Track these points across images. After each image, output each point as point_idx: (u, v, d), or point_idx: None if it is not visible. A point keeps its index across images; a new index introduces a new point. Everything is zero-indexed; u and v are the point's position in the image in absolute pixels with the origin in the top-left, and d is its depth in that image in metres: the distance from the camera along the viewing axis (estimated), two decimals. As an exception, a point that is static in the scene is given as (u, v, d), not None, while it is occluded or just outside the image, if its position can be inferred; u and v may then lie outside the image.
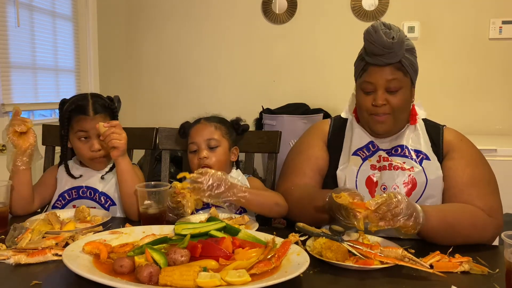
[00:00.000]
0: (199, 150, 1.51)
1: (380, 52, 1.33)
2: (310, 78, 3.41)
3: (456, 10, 3.17)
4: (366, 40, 1.35)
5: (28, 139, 1.46)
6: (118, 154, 1.44)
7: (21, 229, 1.20)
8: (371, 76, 1.38)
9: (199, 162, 1.49)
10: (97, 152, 1.52)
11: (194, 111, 1.66)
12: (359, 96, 1.44)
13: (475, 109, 3.17)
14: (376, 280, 1.00)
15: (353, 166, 1.42)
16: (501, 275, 1.00)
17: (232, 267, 0.96)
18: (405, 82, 1.39)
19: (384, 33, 1.30)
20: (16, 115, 1.46)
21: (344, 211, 1.18)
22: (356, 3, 3.30)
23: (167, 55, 3.64)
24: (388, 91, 1.37)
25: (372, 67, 1.38)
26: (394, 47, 1.31)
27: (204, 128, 1.53)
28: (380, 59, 1.35)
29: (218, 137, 1.52)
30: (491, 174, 1.39)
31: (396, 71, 1.37)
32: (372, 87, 1.38)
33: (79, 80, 3.36)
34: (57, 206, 1.56)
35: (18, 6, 2.63)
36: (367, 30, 1.34)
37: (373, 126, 1.43)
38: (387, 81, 1.36)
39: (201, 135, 1.52)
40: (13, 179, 1.47)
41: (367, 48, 1.36)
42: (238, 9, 3.49)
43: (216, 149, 1.51)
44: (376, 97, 1.37)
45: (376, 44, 1.31)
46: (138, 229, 1.21)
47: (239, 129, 1.62)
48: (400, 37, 1.32)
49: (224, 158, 1.52)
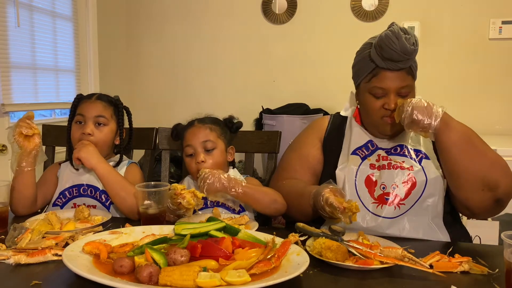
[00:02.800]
0: (195, 154, 1.50)
1: (400, 58, 1.31)
2: (310, 78, 3.41)
3: (456, 10, 3.17)
4: (385, 46, 1.30)
5: (34, 141, 1.46)
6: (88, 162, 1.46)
7: (21, 229, 1.19)
8: (383, 82, 1.36)
9: (197, 167, 1.48)
10: (87, 135, 1.52)
11: (194, 111, 1.65)
12: (367, 100, 1.41)
13: (475, 109, 3.16)
14: (376, 280, 1.00)
15: (352, 166, 1.43)
16: (501, 275, 1.00)
17: (232, 267, 0.96)
18: (413, 86, 1.40)
19: (405, 39, 1.28)
20: (27, 118, 1.46)
21: (328, 208, 1.22)
22: (356, 3, 3.30)
23: (167, 55, 3.64)
24: (399, 95, 1.37)
25: (385, 72, 1.35)
26: (414, 53, 1.31)
27: (199, 130, 1.52)
28: (397, 64, 1.33)
29: (214, 138, 1.51)
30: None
31: (407, 76, 1.36)
32: (383, 92, 1.37)
33: (79, 80, 3.36)
34: (58, 204, 1.56)
35: (18, 6, 2.63)
36: (387, 36, 1.29)
37: (383, 129, 1.42)
38: (400, 86, 1.36)
39: (196, 137, 1.50)
40: (17, 179, 1.47)
41: (386, 54, 1.31)
42: (238, 9, 3.49)
43: (212, 151, 1.50)
44: (389, 101, 1.36)
45: (398, 51, 1.29)
46: (138, 229, 1.21)
47: (233, 127, 1.60)
48: (417, 42, 1.32)
49: (221, 159, 1.52)
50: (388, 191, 1.38)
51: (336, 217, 1.21)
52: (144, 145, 1.86)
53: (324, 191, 1.25)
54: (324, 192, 1.25)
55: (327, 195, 1.23)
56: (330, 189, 1.26)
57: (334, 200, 1.21)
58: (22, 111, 2.80)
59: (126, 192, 1.45)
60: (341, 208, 1.19)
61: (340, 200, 1.21)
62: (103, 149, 1.56)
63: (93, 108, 1.56)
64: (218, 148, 1.51)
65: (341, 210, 1.19)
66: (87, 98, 1.60)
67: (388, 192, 1.38)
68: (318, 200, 1.26)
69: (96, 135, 1.54)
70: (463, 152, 1.26)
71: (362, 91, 1.44)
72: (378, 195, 1.38)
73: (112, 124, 1.59)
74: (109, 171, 1.49)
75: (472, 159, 1.26)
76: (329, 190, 1.25)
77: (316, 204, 1.28)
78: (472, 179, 1.27)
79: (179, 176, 1.54)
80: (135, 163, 1.65)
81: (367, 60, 1.39)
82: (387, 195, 1.37)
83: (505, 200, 1.31)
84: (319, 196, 1.26)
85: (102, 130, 1.56)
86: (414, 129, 1.28)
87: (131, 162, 1.64)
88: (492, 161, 1.28)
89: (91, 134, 1.53)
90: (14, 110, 2.65)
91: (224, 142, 1.55)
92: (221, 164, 1.52)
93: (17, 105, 2.66)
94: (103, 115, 1.56)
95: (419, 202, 1.37)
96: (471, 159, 1.26)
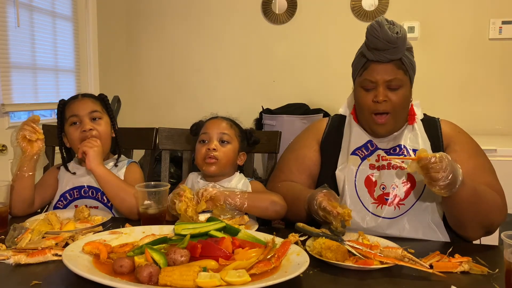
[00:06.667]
0: (209, 141, 1.49)
1: (384, 47, 1.33)
2: (310, 78, 3.41)
3: (456, 10, 3.17)
4: (370, 35, 1.34)
5: (37, 145, 1.46)
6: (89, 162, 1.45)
7: (21, 229, 1.20)
8: (372, 74, 1.38)
9: (206, 153, 1.47)
10: (88, 131, 1.52)
11: (194, 111, 1.66)
12: (359, 94, 1.44)
13: (475, 109, 3.17)
14: (375, 280, 1.00)
15: (352, 166, 1.43)
16: (501, 275, 1.00)
17: (232, 267, 0.96)
18: (405, 81, 1.39)
19: (388, 28, 1.31)
20: (32, 122, 1.46)
21: (321, 212, 1.23)
22: (356, 3, 3.30)
23: (167, 55, 3.64)
24: (389, 88, 1.38)
25: (374, 65, 1.38)
26: (398, 42, 1.32)
27: (220, 122, 1.53)
28: (383, 54, 1.35)
29: (232, 134, 1.52)
30: (490, 162, 1.43)
31: (397, 69, 1.37)
32: (373, 84, 1.39)
33: (79, 80, 3.36)
34: (59, 206, 1.56)
35: (18, 6, 2.63)
36: (371, 25, 1.34)
37: (374, 128, 1.43)
38: (388, 79, 1.37)
39: (216, 127, 1.51)
40: (16, 182, 1.47)
41: (371, 43, 1.35)
42: (238, 9, 3.49)
43: (227, 144, 1.50)
44: (377, 93, 1.37)
45: (381, 38, 1.31)
46: (138, 229, 1.21)
47: (251, 140, 1.60)
48: (404, 33, 1.33)
49: (232, 156, 1.51)
50: (388, 191, 1.38)
51: (329, 222, 1.21)
52: (144, 145, 1.86)
53: (317, 195, 1.26)
54: (317, 196, 1.26)
55: (320, 199, 1.24)
56: (324, 193, 1.27)
57: (327, 204, 1.21)
58: (22, 111, 2.80)
59: (125, 193, 1.45)
60: (334, 213, 1.19)
61: (334, 204, 1.22)
62: (106, 142, 1.57)
63: (84, 105, 1.56)
64: (232, 144, 1.51)
65: (333, 215, 1.19)
66: (73, 99, 1.59)
67: (388, 192, 1.38)
68: (312, 204, 1.27)
69: (97, 129, 1.54)
70: (470, 206, 1.26)
71: (356, 88, 1.46)
72: (378, 195, 1.39)
73: (105, 117, 1.60)
74: (107, 173, 1.49)
75: (475, 210, 1.27)
76: (323, 194, 1.26)
77: (310, 208, 1.29)
78: (471, 225, 1.31)
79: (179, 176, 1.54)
80: (135, 162, 1.65)
81: (360, 56, 1.43)
82: (386, 195, 1.38)
83: (494, 231, 1.36)
84: (313, 200, 1.26)
85: (100, 123, 1.56)
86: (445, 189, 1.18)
87: (131, 162, 1.64)
88: (491, 207, 1.30)
89: (93, 129, 1.53)
90: (14, 110, 2.65)
91: (239, 144, 1.54)
92: (230, 161, 1.51)
93: (17, 105, 2.66)
94: (96, 109, 1.57)
95: (418, 202, 1.37)
96: (474, 210, 1.27)
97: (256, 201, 1.38)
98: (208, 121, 1.56)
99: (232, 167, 1.54)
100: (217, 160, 1.47)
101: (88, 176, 1.55)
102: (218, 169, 1.49)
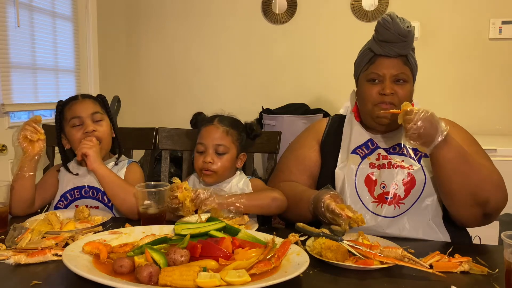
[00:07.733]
0: (205, 153, 1.49)
1: (395, 39, 1.34)
2: (310, 78, 3.40)
3: (456, 10, 3.17)
4: (381, 27, 1.35)
5: (38, 145, 1.46)
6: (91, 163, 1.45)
7: (21, 229, 1.20)
8: (379, 67, 1.40)
9: (203, 166, 1.48)
10: (91, 133, 1.52)
11: (194, 111, 1.65)
12: (364, 87, 1.44)
13: (475, 109, 3.16)
14: (375, 280, 1.00)
15: (352, 165, 1.43)
16: (501, 275, 1.00)
17: (232, 267, 0.96)
18: (410, 78, 1.42)
19: (400, 21, 1.33)
20: (33, 122, 1.46)
21: (329, 214, 1.22)
22: (356, 3, 3.30)
23: (167, 55, 3.64)
24: (396, 82, 1.39)
25: (381, 59, 1.40)
26: (408, 36, 1.34)
27: (216, 131, 1.50)
28: (392, 48, 1.36)
29: (228, 143, 1.50)
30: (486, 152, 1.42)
31: (403, 65, 1.40)
32: (379, 78, 1.40)
33: (79, 80, 3.36)
34: (60, 206, 1.56)
35: (18, 6, 2.63)
36: (383, 17, 1.36)
37: (377, 119, 1.42)
38: (395, 73, 1.38)
39: (211, 138, 1.49)
40: (17, 182, 1.47)
41: (381, 36, 1.36)
42: (238, 9, 3.49)
43: (223, 156, 1.49)
44: (384, 86, 1.39)
45: (392, 30, 1.33)
46: (138, 229, 1.21)
47: (251, 134, 1.59)
48: (413, 29, 1.36)
49: (230, 164, 1.51)
50: (388, 190, 1.38)
51: (337, 223, 1.21)
52: (144, 145, 1.86)
53: (324, 197, 1.26)
54: (324, 198, 1.25)
55: (327, 202, 1.24)
56: (330, 195, 1.26)
57: (335, 207, 1.21)
58: (22, 111, 2.80)
59: (126, 193, 1.45)
60: (343, 216, 1.19)
61: (342, 206, 1.22)
62: (108, 142, 1.58)
63: (86, 107, 1.56)
64: (229, 153, 1.50)
65: (342, 218, 1.19)
66: (73, 100, 1.58)
67: (388, 191, 1.38)
68: (318, 207, 1.27)
69: (99, 130, 1.54)
70: (457, 169, 1.26)
71: (361, 82, 1.46)
72: (378, 194, 1.39)
73: (106, 118, 1.60)
74: (109, 173, 1.49)
75: (464, 177, 1.26)
76: (329, 196, 1.26)
77: (316, 210, 1.28)
78: (463, 196, 1.29)
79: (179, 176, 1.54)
80: (135, 162, 1.65)
81: (366, 52, 1.45)
82: (387, 194, 1.38)
83: (493, 215, 1.34)
84: (320, 202, 1.26)
85: (101, 124, 1.56)
86: (414, 140, 1.24)
87: (132, 161, 1.64)
88: (483, 178, 1.28)
89: (95, 130, 1.53)
90: (14, 110, 2.65)
91: (238, 148, 1.53)
92: (228, 169, 1.51)
93: (17, 105, 2.66)
94: (97, 111, 1.57)
95: (418, 201, 1.37)
96: (463, 176, 1.26)
97: (256, 200, 1.38)
98: (204, 128, 1.53)
99: (230, 171, 1.54)
100: (213, 172, 1.47)
101: (89, 176, 1.55)
102: (216, 179, 1.50)
